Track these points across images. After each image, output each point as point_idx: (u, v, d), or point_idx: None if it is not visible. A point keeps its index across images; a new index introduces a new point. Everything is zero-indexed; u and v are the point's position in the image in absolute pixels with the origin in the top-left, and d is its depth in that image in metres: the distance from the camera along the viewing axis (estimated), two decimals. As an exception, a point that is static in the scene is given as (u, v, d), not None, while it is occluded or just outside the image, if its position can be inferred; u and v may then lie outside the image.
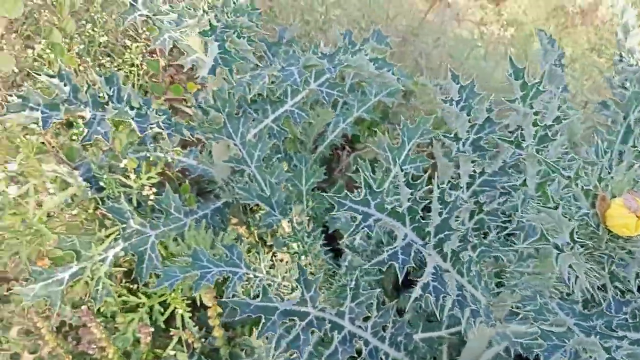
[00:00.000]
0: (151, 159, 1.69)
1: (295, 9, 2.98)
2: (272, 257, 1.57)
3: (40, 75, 1.17)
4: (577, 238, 0.70)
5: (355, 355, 1.21)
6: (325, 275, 1.44)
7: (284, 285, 1.46)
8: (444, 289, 0.89)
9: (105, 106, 1.24)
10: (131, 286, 1.62)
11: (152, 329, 1.48)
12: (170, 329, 1.53)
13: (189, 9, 1.20)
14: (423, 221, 0.88)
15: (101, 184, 1.58)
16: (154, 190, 1.57)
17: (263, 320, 1.05)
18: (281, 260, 1.58)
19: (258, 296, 1.42)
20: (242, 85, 1.36)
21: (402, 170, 0.83)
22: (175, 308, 1.53)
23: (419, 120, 1.39)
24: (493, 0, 4.85)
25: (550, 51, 1.65)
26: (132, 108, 1.30)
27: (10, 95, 1.13)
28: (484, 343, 1.08)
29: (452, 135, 1.07)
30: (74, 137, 1.72)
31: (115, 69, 2.12)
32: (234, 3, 1.25)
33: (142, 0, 1.32)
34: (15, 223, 1.14)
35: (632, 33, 1.67)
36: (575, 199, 0.73)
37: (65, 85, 1.18)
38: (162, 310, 1.55)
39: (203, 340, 1.57)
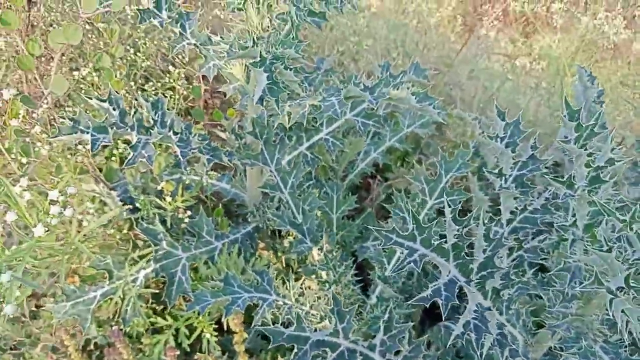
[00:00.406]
0: (187, 181, 1.72)
1: (328, 39, 3.03)
2: (300, 284, 1.57)
3: (90, 98, 1.20)
4: (632, 283, 0.69)
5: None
6: (354, 305, 1.43)
7: (312, 314, 1.45)
8: (485, 327, 0.87)
9: (151, 130, 1.27)
10: (157, 307, 1.63)
11: (178, 352, 1.48)
12: (195, 353, 1.52)
13: (239, 40, 1.23)
14: (467, 258, 0.87)
15: (137, 205, 1.61)
16: (189, 213, 1.59)
17: (295, 350, 1.04)
18: (309, 288, 1.58)
19: (285, 324, 1.42)
20: (282, 114, 1.39)
21: (448, 206, 0.83)
22: (202, 331, 1.52)
23: (457, 153, 1.38)
24: (523, 34, 4.86)
25: (590, 88, 1.64)
26: (175, 133, 1.32)
27: (62, 117, 1.17)
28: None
29: (497, 172, 1.07)
30: (113, 158, 1.77)
31: (154, 92, 2.18)
32: (280, 35, 1.29)
33: (190, 30, 1.37)
34: (56, 242, 1.16)
35: (674, 73, 1.65)
36: (628, 242, 0.72)
37: (114, 109, 1.21)
38: (187, 333, 1.55)
39: (227, 365, 1.56)
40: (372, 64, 2.76)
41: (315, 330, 1.14)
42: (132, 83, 1.99)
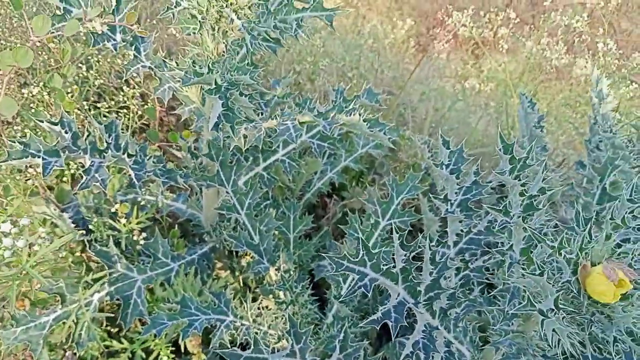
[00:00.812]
0: (142, 202, 1.71)
1: (285, 59, 3.08)
2: (258, 304, 1.59)
3: (42, 121, 1.19)
4: (560, 304, 0.75)
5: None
6: (310, 325, 1.46)
7: (270, 334, 1.47)
8: (432, 345, 0.92)
9: (104, 153, 1.27)
10: (112, 330, 1.60)
11: (134, 376, 1.46)
12: (152, 377, 1.51)
13: (194, 66, 1.25)
14: (415, 281, 0.91)
15: (90, 227, 1.58)
16: (144, 235, 1.58)
17: (253, 373, 1.05)
18: (266, 308, 1.60)
19: (244, 344, 1.42)
20: (238, 137, 1.41)
21: (396, 232, 0.88)
22: (159, 354, 1.51)
23: (408, 176, 1.45)
24: (473, 56, 5.07)
25: (531, 114, 1.74)
26: (129, 156, 1.32)
27: (11, 139, 1.15)
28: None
29: (442, 197, 1.13)
30: (65, 179, 1.74)
31: (107, 110, 2.16)
32: (235, 61, 1.31)
33: (145, 52, 1.38)
34: (6, 270, 1.14)
35: (606, 101, 1.78)
36: (558, 265, 0.78)
37: (66, 132, 1.21)
38: (144, 355, 1.54)
39: (186, 388, 1.55)
40: (328, 84, 2.82)
41: (273, 350, 1.16)
42: (85, 102, 1.96)
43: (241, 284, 1.84)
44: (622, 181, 1.49)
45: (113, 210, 1.56)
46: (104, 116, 2.11)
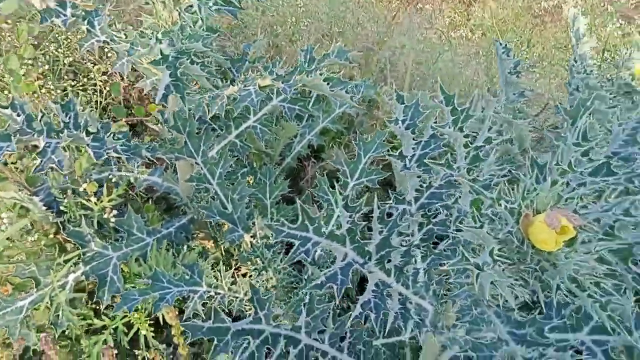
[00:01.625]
0: (113, 179, 1.70)
1: (264, 22, 3.00)
2: (235, 272, 1.59)
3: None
4: (500, 255, 0.73)
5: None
6: (286, 289, 1.46)
7: (247, 301, 1.48)
8: (384, 304, 0.91)
9: (60, 134, 1.25)
10: (98, 308, 1.62)
11: (117, 351, 1.49)
12: (135, 350, 1.53)
13: (142, 37, 1.21)
14: (363, 241, 0.90)
15: (62, 208, 1.58)
16: (115, 212, 1.58)
17: (215, 342, 1.06)
18: (245, 275, 1.60)
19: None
20: (201, 106, 1.38)
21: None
22: (139, 329, 1.53)
23: (375, 134, 1.42)
24: (463, 3, 4.93)
25: (506, 60, 1.69)
26: (88, 134, 1.30)
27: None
28: (437, 348, 1.09)
29: (397, 154, 1.10)
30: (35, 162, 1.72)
31: (81, 89, 2.13)
32: (190, 28, 1.27)
33: (99, 26, 1.34)
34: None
35: (583, 40, 1.72)
36: (501, 217, 0.76)
37: (18, 115, 1.18)
38: (126, 330, 1.56)
39: (171, 357, 1.57)
40: (307, 44, 2.75)
41: (238, 318, 1.16)
42: (53, 80, 1.93)
43: (223, 253, 1.85)
44: (597, 123, 1.45)
45: (81, 189, 1.55)
46: (76, 95, 2.09)
